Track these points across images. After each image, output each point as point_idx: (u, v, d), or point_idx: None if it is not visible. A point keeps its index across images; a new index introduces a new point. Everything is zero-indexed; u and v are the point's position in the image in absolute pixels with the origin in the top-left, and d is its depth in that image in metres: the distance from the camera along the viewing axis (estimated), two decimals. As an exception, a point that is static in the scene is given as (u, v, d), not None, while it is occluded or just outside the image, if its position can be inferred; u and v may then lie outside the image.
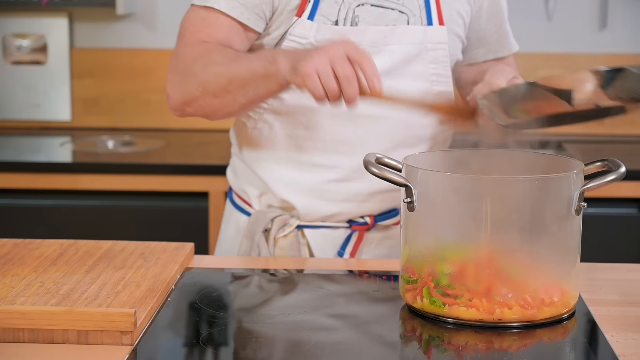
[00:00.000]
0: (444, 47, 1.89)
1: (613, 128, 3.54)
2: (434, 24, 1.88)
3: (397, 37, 1.86)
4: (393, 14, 1.87)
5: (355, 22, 1.85)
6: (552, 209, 1.47)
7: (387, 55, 1.86)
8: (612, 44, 3.52)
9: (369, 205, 1.92)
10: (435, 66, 1.89)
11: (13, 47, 3.59)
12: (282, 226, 1.92)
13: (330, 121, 1.87)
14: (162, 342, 1.43)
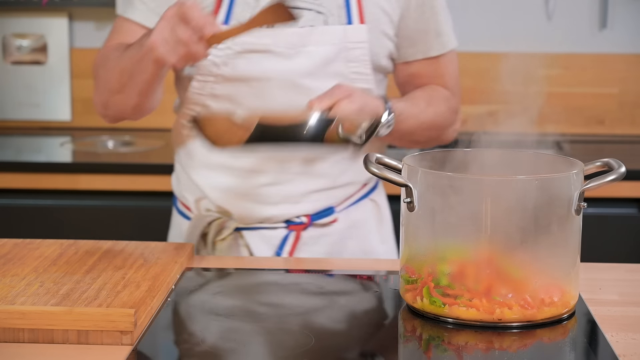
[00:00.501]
0: (363, 46, 1.89)
1: (613, 128, 3.54)
2: (354, 22, 1.88)
3: (315, 38, 1.87)
4: (310, 14, 1.87)
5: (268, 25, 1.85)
6: (552, 209, 1.47)
7: (305, 56, 1.87)
8: (612, 44, 3.52)
9: (304, 205, 1.94)
10: (355, 64, 1.90)
11: (13, 47, 3.59)
12: (219, 230, 1.94)
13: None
14: (162, 342, 1.43)
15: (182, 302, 1.57)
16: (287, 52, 1.86)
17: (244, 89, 1.88)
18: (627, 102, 3.53)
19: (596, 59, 3.52)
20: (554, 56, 3.51)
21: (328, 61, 1.87)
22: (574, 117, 3.54)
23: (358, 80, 1.89)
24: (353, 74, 1.89)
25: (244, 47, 1.86)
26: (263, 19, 1.70)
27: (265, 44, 1.86)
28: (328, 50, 1.87)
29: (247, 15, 1.84)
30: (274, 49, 1.86)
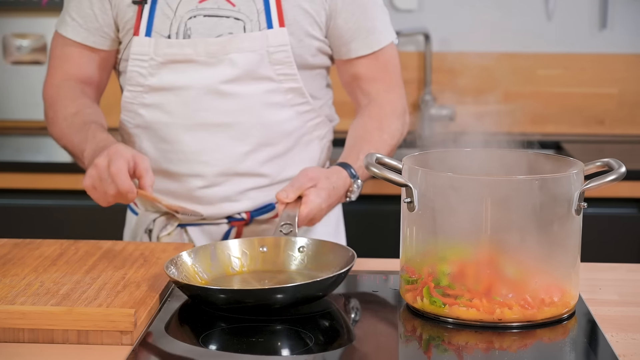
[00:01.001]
0: (285, 48, 1.92)
1: (613, 128, 3.54)
2: (274, 26, 1.91)
3: (237, 46, 1.91)
4: (228, 21, 1.91)
5: (188, 34, 1.91)
6: (552, 209, 1.47)
7: (229, 64, 1.91)
8: (612, 44, 3.52)
9: (243, 203, 1.99)
10: (280, 67, 1.94)
11: (13, 47, 3.59)
12: (164, 226, 2.00)
13: (185, 134, 1.94)
14: (162, 342, 1.43)
15: (182, 302, 1.57)
16: (209, 60, 1.91)
17: (172, 98, 1.94)
18: (627, 102, 3.53)
19: (596, 59, 3.52)
20: (554, 56, 3.51)
21: (252, 67, 1.92)
22: (574, 117, 3.53)
23: (286, 80, 1.94)
24: (279, 75, 1.94)
25: (167, 57, 1.92)
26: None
27: (187, 54, 1.91)
28: (251, 57, 1.91)
29: (167, 28, 1.91)
30: (196, 58, 1.91)
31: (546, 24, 3.52)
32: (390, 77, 2.04)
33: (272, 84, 1.94)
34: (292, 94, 1.96)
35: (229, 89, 1.92)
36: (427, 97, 3.50)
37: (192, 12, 1.91)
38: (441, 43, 3.53)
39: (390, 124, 2.01)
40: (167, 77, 1.93)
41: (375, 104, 2.03)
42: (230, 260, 1.65)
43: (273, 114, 1.95)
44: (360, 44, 1.99)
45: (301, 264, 1.64)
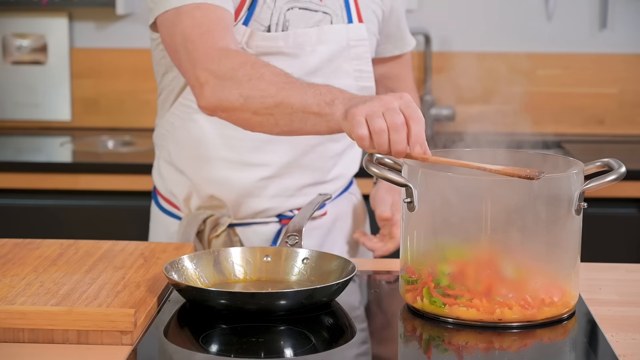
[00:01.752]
0: (364, 43, 1.96)
1: (613, 128, 3.54)
2: (354, 21, 1.95)
3: (322, 37, 1.92)
4: (318, 15, 1.93)
5: (286, 26, 1.90)
6: (552, 209, 1.47)
7: (313, 55, 1.92)
8: (612, 44, 3.52)
9: (297, 199, 1.98)
10: (358, 62, 1.96)
11: (13, 47, 3.59)
12: (214, 226, 1.97)
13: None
14: (162, 342, 1.43)
15: (182, 302, 1.57)
16: (296, 52, 1.90)
17: None
18: (626, 102, 3.53)
19: (596, 59, 3.52)
20: (554, 56, 3.51)
21: (333, 59, 1.93)
22: (574, 117, 3.54)
23: (361, 78, 1.96)
24: (356, 71, 1.96)
25: (259, 50, 1.88)
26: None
27: (279, 47, 1.89)
28: (333, 48, 1.93)
29: (267, 18, 1.88)
30: (286, 50, 1.90)
31: (546, 24, 3.52)
32: (410, 78, 2.18)
33: (349, 81, 1.94)
34: (364, 93, 1.93)
35: (310, 80, 1.77)
36: (427, 97, 3.50)
37: (290, 3, 1.90)
38: (441, 43, 3.53)
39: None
40: None
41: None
42: (233, 268, 1.65)
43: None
44: (394, 45, 2.10)
45: (303, 274, 1.64)
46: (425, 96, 3.50)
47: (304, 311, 1.50)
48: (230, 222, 1.97)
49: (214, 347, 1.43)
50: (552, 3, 3.50)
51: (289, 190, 1.97)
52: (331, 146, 1.98)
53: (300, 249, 1.66)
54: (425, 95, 3.50)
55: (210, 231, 1.96)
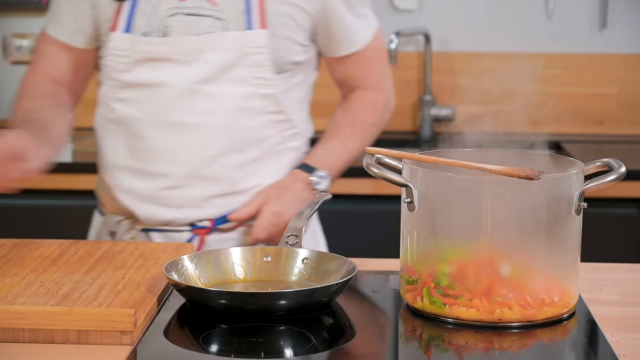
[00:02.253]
0: (264, 50, 1.92)
1: (613, 128, 3.54)
2: (254, 27, 1.91)
3: (213, 45, 1.91)
4: (208, 21, 1.91)
5: (166, 32, 1.91)
6: (552, 209, 1.47)
7: (203, 63, 1.91)
8: (612, 44, 3.52)
9: (206, 210, 1.97)
10: (257, 70, 1.92)
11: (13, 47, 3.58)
12: (128, 229, 1.99)
13: (154, 131, 1.94)
14: (162, 342, 1.43)
15: (182, 302, 1.57)
16: (184, 59, 1.91)
17: (145, 94, 1.93)
18: (626, 102, 3.53)
19: (596, 59, 3.52)
20: (554, 56, 3.51)
21: (227, 67, 1.91)
22: (574, 117, 3.53)
23: (262, 85, 1.93)
24: (255, 79, 1.93)
25: (143, 55, 1.92)
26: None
27: (163, 52, 1.91)
28: (226, 56, 1.91)
29: (145, 25, 1.92)
30: (172, 57, 1.91)
31: (546, 24, 3.52)
32: (375, 73, 2.08)
33: (248, 88, 1.92)
34: (267, 101, 1.94)
35: (203, 89, 1.91)
36: (427, 97, 3.50)
37: (173, 10, 1.91)
38: (441, 43, 3.53)
39: (365, 119, 2.06)
40: (143, 74, 1.92)
41: (355, 98, 2.08)
42: (233, 268, 1.65)
43: (246, 119, 1.93)
44: (338, 45, 2.03)
45: (303, 275, 1.64)
46: (425, 96, 3.50)
47: (304, 311, 1.50)
48: (144, 227, 1.99)
49: (214, 347, 1.43)
50: (552, 3, 3.50)
51: (195, 201, 1.96)
52: (235, 156, 1.95)
53: (300, 249, 1.66)
54: (425, 95, 3.50)
55: (124, 233, 1.99)
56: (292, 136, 2.01)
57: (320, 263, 1.63)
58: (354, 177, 2.99)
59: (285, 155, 2.01)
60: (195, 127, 1.92)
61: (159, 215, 1.96)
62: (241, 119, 1.93)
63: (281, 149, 2.00)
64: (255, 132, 1.95)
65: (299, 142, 2.04)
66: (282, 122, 1.98)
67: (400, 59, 3.46)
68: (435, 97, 3.52)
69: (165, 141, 1.93)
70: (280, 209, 1.92)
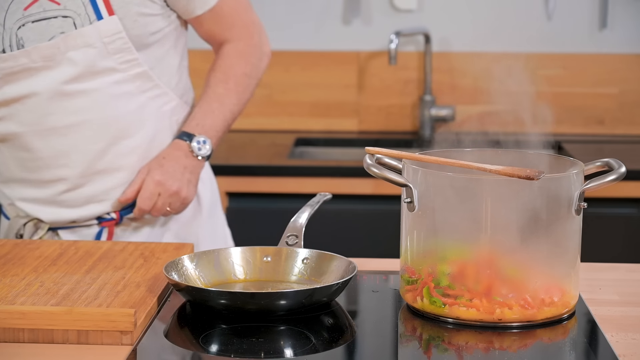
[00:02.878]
0: (121, 35, 1.91)
1: (613, 128, 3.54)
2: (104, 16, 1.89)
3: (71, 44, 1.89)
4: (57, 21, 1.89)
5: (22, 44, 1.89)
6: (552, 209, 1.47)
7: (68, 63, 1.89)
8: (612, 44, 3.52)
9: (109, 203, 1.99)
10: (120, 55, 1.92)
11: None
12: (35, 230, 1.99)
13: (39, 140, 1.93)
14: (162, 342, 1.43)
15: (182, 302, 1.57)
16: (47, 64, 1.89)
17: (19, 107, 1.92)
18: (627, 102, 3.53)
19: (596, 59, 3.52)
20: (554, 56, 3.51)
21: (92, 62, 1.90)
22: (574, 117, 3.54)
23: (130, 67, 1.93)
24: (122, 64, 1.92)
25: (3, 72, 1.90)
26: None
27: (23, 64, 1.89)
28: (89, 52, 1.89)
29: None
30: (33, 66, 1.89)
31: (546, 24, 3.52)
32: (237, 25, 2.05)
33: (117, 75, 1.92)
34: (139, 80, 1.94)
35: (73, 88, 1.90)
36: (427, 97, 3.50)
37: (20, 21, 1.89)
38: (441, 43, 3.53)
39: (236, 71, 2.04)
40: (9, 90, 1.91)
41: (222, 54, 2.06)
42: (233, 268, 1.65)
43: (124, 104, 1.94)
44: (185, 7, 1.99)
45: (303, 274, 1.64)
46: (425, 96, 3.50)
47: (304, 311, 1.50)
48: (50, 225, 1.99)
49: (214, 347, 1.43)
50: (552, 3, 3.50)
51: (97, 195, 1.97)
52: (125, 143, 1.96)
53: (300, 249, 1.66)
54: (425, 95, 3.50)
55: (32, 234, 1.99)
56: (173, 109, 2.02)
57: (320, 263, 1.63)
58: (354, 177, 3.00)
59: (174, 130, 2.03)
60: (77, 126, 1.92)
61: (65, 216, 1.98)
62: (120, 105, 1.93)
63: (167, 124, 2.01)
64: (137, 114, 1.96)
65: (184, 113, 2.05)
66: (160, 97, 1.98)
67: (400, 59, 3.46)
68: (435, 97, 3.52)
69: (52, 147, 1.93)
70: (162, 178, 1.94)
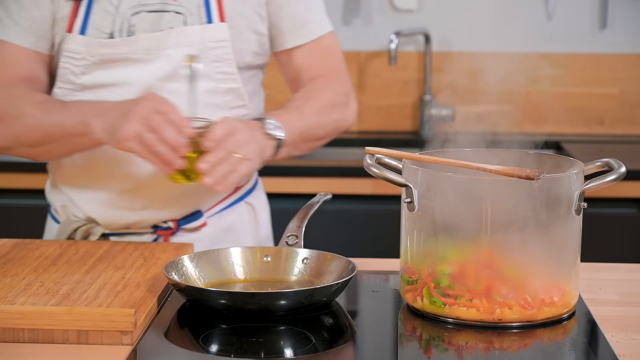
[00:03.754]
0: (225, 44, 1.87)
1: (613, 128, 3.54)
2: (214, 21, 1.87)
3: (173, 40, 1.85)
4: (169, 15, 1.86)
5: (132, 31, 1.85)
6: (552, 209, 1.47)
7: (164, 59, 1.85)
8: (612, 44, 3.52)
9: (170, 210, 1.93)
10: (219, 64, 1.88)
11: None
12: (86, 236, 1.93)
13: None
14: (162, 342, 1.43)
15: (182, 302, 1.57)
16: (145, 57, 1.85)
17: (105, 95, 1.86)
18: (627, 102, 3.53)
19: (596, 59, 3.52)
20: (554, 56, 3.51)
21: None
22: (574, 117, 3.54)
23: (225, 80, 1.89)
24: (218, 74, 1.88)
25: (101, 57, 1.85)
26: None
27: (123, 53, 1.85)
28: (188, 52, 1.85)
29: (109, 25, 1.84)
30: (132, 57, 1.85)
31: (546, 24, 3.52)
32: (330, 65, 1.99)
33: (211, 84, 1.88)
34: (231, 95, 1.90)
35: (165, 86, 1.85)
36: (427, 97, 3.50)
37: (135, 8, 1.85)
38: (441, 43, 3.53)
39: (320, 94, 1.93)
40: (101, 76, 1.86)
41: (310, 83, 1.96)
42: (233, 268, 1.65)
43: (209, 115, 1.86)
44: (296, 33, 1.95)
45: (303, 274, 1.64)
46: (425, 96, 3.50)
47: (304, 311, 1.50)
48: (103, 231, 1.94)
49: (214, 347, 1.43)
50: (552, 3, 3.50)
51: (158, 202, 1.91)
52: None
53: (300, 249, 1.66)
54: (425, 95, 3.50)
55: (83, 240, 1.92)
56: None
57: (320, 263, 1.63)
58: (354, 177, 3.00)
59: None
60: None
61: (121, 218, 1.92)
62: (204, 115, 1.86)
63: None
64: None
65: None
66: (244, 117, 1.93)
67: (400, 59, 3.46)
68: (435, 97, 3.52)
69: None
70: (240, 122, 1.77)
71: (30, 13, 1.87)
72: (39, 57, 1.89)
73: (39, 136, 1.82)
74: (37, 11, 1.87)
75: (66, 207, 1.98)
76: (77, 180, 1.94)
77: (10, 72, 1.88)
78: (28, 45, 1.88)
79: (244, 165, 1.70)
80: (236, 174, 1.69)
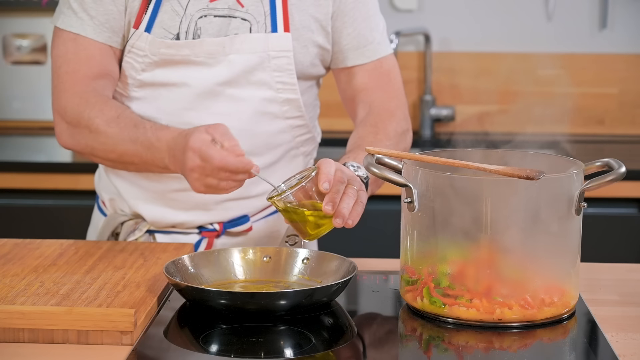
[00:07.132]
0: (288, 54, 1.87)
1: (613, 128, 3.54)
2: (279, 31, 1.86)
3: (237, 47, 1.85)
4: (235, 22, 1.86)
5: (198, 34, 1.85)
6: (552, 209, 1.47)
7: (226, 65, 1.85)
8: (612, 44, 3.52)
9: (217, 213, 1.93)
10: (279, 74, 1.88)
11: (13, 47, 3.59)
12: (132, 231, 1.94)
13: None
14: (162, 342, 1.43)
15: (182, 302, 1.57)
16: (207, 61, 1.86)
17: (163, 93, 1.88)
18: (627, 102, 3.53)
19: (596, 59, 3.52)
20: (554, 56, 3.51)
21: (250, 69, 1.86)
22: (574, 117, 3.53)
23: (284, 90, 1.88)
24: (278, 83, 1.88)
25: (162, 57, 1.86)
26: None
27: (185, 55, 1.85)
28: (249, 59, 1.86)
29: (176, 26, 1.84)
30: (194, 59, 1.86)
31: (546, 24, 3.52)
32: (390, 88, 1.97)
33: (270, 92, 1.88)
34: (288, 105, 1.90)
35: (224, 90, 1.86)
36: (427, 97, 3.50)
37: (203, 11, 1.85)
38: (441, 43, 3.53)
39: (386, 126, 1.91)
40: (161, 75, 1.87)
41: (372, 113, 1.94)
42: (233, 268, 1.65)
43: (265, 124, 1.89)
44: (359, 52, 1.95)
45: (303, 275, 1.64)
46: (425, 96, 3.50)
47: (304, 311, 1.50)
48: (149, 228, 1.94)
49: (214, 347, 1.43)
50: (552, 3, 3.50)
51: (207, 204, 1.91)
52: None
53: (300, 249, 1.66)
54: (425, 95, 3.50)
55: (128, 235, 1.93)
56: (305, 141, 1.97)
57: (320, 263, 1.63)
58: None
59: (296, 160, 1.98)
60: None
61: (168, 217, 1.93)
62: (260, 123, 1.89)
63: (294, 153, 1.96)
64: (273, 137, 1.91)
65: (311, 147, 2.01)
66: (300, 127, 1.94)
67: (400, 59, 3.46)
68: (435, 97, 3.52)
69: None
70: (337, 165, 1.67)
71: (106, 7, 1.86)
72: (112, 51, 1.89)
73: (115, 156, 1.85)
74: (114, 6, 1.86)
75: (114, 201, 1.98)
76: (128, 174, 1.94)
77: (85, 70, 1.87)
78: (103, 40, 1.87)
79: (362, 193, 1.63)
80: (361, 203, 1.61)
